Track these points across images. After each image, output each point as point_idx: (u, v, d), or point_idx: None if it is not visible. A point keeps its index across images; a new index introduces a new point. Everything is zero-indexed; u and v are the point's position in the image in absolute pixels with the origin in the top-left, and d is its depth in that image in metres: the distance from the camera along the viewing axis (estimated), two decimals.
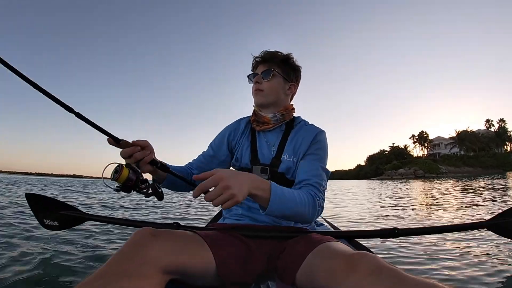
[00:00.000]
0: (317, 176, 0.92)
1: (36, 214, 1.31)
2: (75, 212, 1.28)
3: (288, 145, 1.02)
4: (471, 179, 22.08)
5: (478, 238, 2.37)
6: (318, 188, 0.89)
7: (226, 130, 1.15)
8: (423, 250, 2.08)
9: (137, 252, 0.59)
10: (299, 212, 0.80)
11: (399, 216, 4.21)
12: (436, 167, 60.64)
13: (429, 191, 10.73)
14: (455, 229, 1.06)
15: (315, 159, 0.97)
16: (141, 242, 0.62)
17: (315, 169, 0.94)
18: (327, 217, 1.99)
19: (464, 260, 1.82)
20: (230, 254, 0.76)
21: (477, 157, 65.52)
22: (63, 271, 1.53)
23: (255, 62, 1.09)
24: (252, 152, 1.04)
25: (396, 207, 5.52)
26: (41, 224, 1.30)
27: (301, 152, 0.99)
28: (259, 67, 1.07)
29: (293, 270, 0.72)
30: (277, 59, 1.05)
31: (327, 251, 0.68)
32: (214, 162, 1.11)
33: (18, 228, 2.61)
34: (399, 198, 7.85)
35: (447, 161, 66.40)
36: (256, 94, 1.05)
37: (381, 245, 2.21)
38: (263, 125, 1.06)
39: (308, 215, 0.84)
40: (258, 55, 1.07)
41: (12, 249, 1.90)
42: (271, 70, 1.03)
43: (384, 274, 0.51)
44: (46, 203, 1.31)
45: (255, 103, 1.09)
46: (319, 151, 0.99)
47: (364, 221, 3.89)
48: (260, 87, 1.04)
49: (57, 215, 1.28)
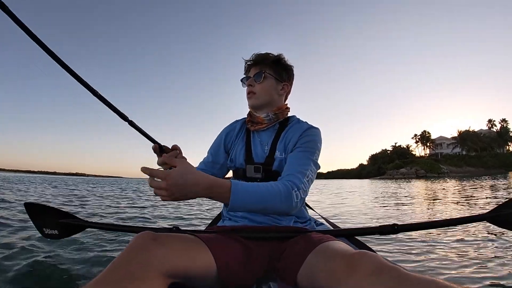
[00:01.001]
0: (299, 166, 0.91)
1: (36, 223, 1.30)
2: (74, 220, 1.26)
3: (280, 143, 1.03)
4: (472, 179, 21.97)
5: (479, 232, 2.39)
6: (299, 179, 0.87)
7: (222, 133, 1.17)
8: (425, 247, 2.08)
9: (137, 257, 0.59)
10: (268, 204, 0.79)
11: (399, 214, 4.22)
12: (437, 167, 60.42)
13: (429, 190, 10.73)
14: (455, 223, 1.06)
15: (300, 151, 0.97)
16: (142, 246, 0.62)
17: (299, 159, 0.94)
18: (328, 217, 2.03)
19: (466, 255, 1.83)
20: (230, 257, 0.77)
21: (479, 157, 65.32)
22: (65, 277, 1.47)
23: (247, 65, 1.10)
24: (246, 152, 1.06)
25: (396, 205, 5.50)
26: (41, 233, 1.29)
27: (290, 147, 1.00)
28: (251, 70, 1.09)
29: (293, 270, 0.72)
30: (268, 61, 1.06)
31: (327, 251, 0.68)
32: (215, 167, 1.13)
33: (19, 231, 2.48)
34: (399, 196, 7.78)
35: (449, 161, 66.19)
36: (250, 97, 1.07)
37: (382, 242, 2.21)
38: (257, 125, 1.08)
39: (281, 207, 0.81)
40: (250, 58, 1.09)
41: (11, 253, 1.78)
42: (262, 72, 1.05)
43: (385, 273, 0.50)
44: (45, 212, 1.29)
45: (249, 105, 1.11)
46: (306, 144, 0.99)
47: (364, 218, 3.91)
48: (253, 89, 1.06)
49: (56, 223, 1.26)
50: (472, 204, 5.28)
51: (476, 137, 70.25)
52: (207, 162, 1.15)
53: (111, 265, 0.58)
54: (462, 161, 65.55)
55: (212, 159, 1.14)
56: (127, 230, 1.25)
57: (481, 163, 62.87)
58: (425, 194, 9.01)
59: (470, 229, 2.58)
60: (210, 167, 1.13)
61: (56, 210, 1.30)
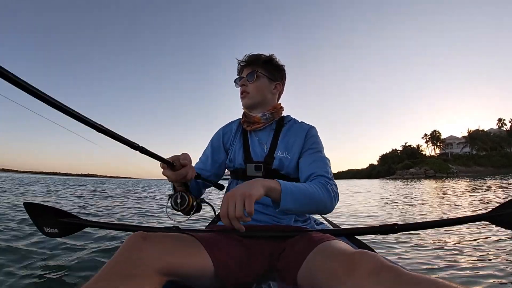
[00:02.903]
0: (322, 167, 0.94)
1: (36, 222, 1.31)
2: (74, 219, 1.29)
3: (281, 142, 1.04)
4: (482, 179, 21.58)
5: (480, 231, 2.41)
6: (327, 176, 0.91)
7: (219, 132, 1.17)
8: (425, 246, 2.08)
9: (129, 256, 0.60)
10: (315, 201, 0.82)
11: (401, 213, 4.23)
12: (446, 166, 59.90)
13: (437, 189, 10.60)
14: (455, 223, 1.06)
15: (314, 152, 1.00)
16: (133, 246, 0.63)
17: (318, 160, 0.97)
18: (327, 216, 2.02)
19: (466, 255, 1.83)
20: (228, 255, 0.76)
21: (488, 157, 64.38)
22: (64, 279, 1.50)
23: (240, 66, 1.12)
24: (245, 151, 1.06)
25: (400, 204, 5.51)
26: (41, 232, 1.29)
27: (296, 148, 1.02)
28: (244, 70, 1.10)
29: (293, 270, 0.72)
30: (260, 61, 1.08)
31: (327, 251, 0.67)
32: (214, 166, 1.12)
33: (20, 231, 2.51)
34: (405, 196, 7.74)
35: (458, 160, 65.52)
36: (243, 96, 1.09)
37: (382, 242, 2.19)
38: (253, 125, 1.08)
39: (326, 203, 0.85)
40: (242, 59, 1.11)
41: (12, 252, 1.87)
42: (255, 72, 1.07)
43: (384, 273, 0.50)
44: (44, 212, 1.31)
45: (243, 105, 1.11)
46: (315, 144, 1.03)
47: (365, 218, 3.92)
48: (246, 89, 1.07)
49: (56, 222, 1.28)
50: (475, 202, 5.25)
51: (486, 137, 69.38)
52: (206, 161, 1.13)
53: (105, 266, 0.59)
54: (471, 160, 64.73)
55: (212, 158, 1.12)
56: (125, 229, 1.26)
57: (490, 162, 62.02)
58: (432, 193, 8.99)
59: (471, 229, 2.58)
60: (210, 166, 1.11)
61: (55, 209, 1.31)
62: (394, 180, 38.33)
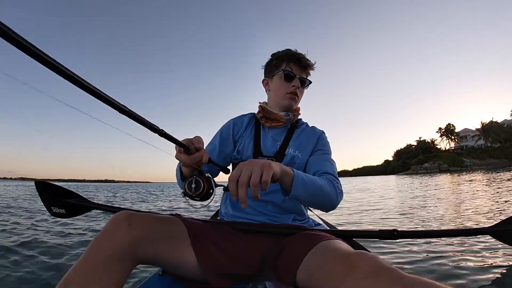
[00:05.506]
0: (329, 166, 0.98)
1: (44, 201, 1.33)
2: (80, 201, 1.30)
3: (294, 141, 1.07)
4: (496, 172, 21.12)
5: (481, 237, 2.29)
6: (333, 174, 0.94)
7: (229, 123, 1.15)
8: (423, 251, 2.06)
9: (109, 240, 0.63)
10: (323, 193, 0.83)
11: (402, 215, 4.06)
12: (460, 160, 59.43)
13: (451, 187, 10.11)
14: (456, 234, 0.97)
15: (323, 153, 1.05)
16: (113, 229, 0.65)
17: (326, 160, 1.02)
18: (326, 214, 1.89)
19: (464, 261, 1.80)
20: (218, 249, 0.76)
21: (502, 149, 62.98)
22: None
23: (304, 64, 1.07)
24: (255, 145, 1.06)
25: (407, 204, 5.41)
26: (49, 211, 1.32)
27: (308, 149, 1.06)
28: (302, 71, 1.07)
29: (292, 270, 0.69)
30: (312, 69, 1.10)
31: (326, 250, 0.66)
32: (221, 156, 1.08)
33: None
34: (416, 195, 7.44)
35: (472, 153, 64.50)
36: (292, 97, 1.07)
37: (379, 245, 2.18)
38: (273, 121, 1.09)
39: (333, 197, 0.86)
40: (308, 59, 1.07)
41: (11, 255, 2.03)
42: (308, 80, 1.09)
43: (382, 274, 0.49)
44: (53, 191, 1.33)
45: (283, 104, 1.08)
46: (325, 147, 1.08)
47: (365, 219, 3.83)
48: (298, 93, 1.07)
49: (63, 203, 1.30)
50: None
51: (500, 128, 67.99)
52: (212, 151, 1.08)
53: (86, 251, 0.61)
54: (485, 153, 63.82)
55: (219, 148, 1.08)
56: None
57: (504, 154, 60.73)
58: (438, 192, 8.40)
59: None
60: (216, 156, 1.07)
61: (64, 189, 1.34)
62: (411, 176, 37.02)
